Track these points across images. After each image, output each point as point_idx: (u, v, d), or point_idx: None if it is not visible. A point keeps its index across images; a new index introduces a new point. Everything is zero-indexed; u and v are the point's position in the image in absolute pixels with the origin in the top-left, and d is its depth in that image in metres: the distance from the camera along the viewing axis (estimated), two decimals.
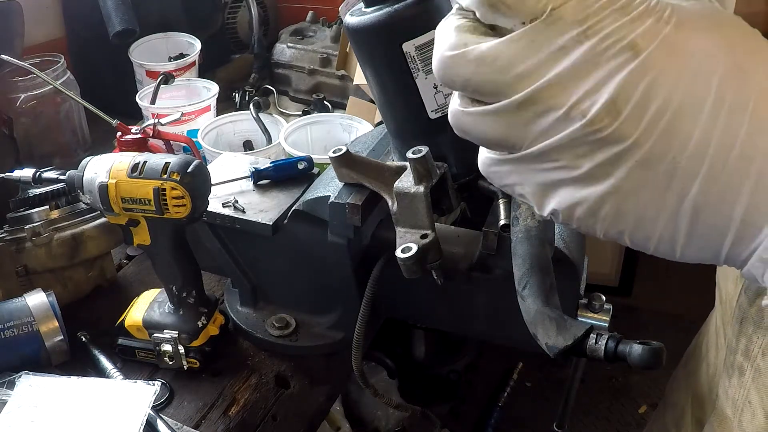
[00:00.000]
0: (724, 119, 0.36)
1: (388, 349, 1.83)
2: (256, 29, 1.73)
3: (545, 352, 0.65)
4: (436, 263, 0.77)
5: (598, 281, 2.46)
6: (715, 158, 0.36)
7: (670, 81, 0.36)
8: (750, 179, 0.36)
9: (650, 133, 0.36)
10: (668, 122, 0.36)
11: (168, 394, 0.91)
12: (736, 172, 0.36)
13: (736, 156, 0.36)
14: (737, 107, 0.36)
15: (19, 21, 1.33)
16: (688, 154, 0.36)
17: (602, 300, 0.81)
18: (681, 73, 0.36)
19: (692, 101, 0.36)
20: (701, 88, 0.36)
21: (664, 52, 0.36)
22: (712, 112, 0.36)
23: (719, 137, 0.36)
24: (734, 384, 0.75)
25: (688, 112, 0.36)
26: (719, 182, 0.36)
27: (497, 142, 0.41)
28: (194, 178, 0.84)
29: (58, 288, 1.01)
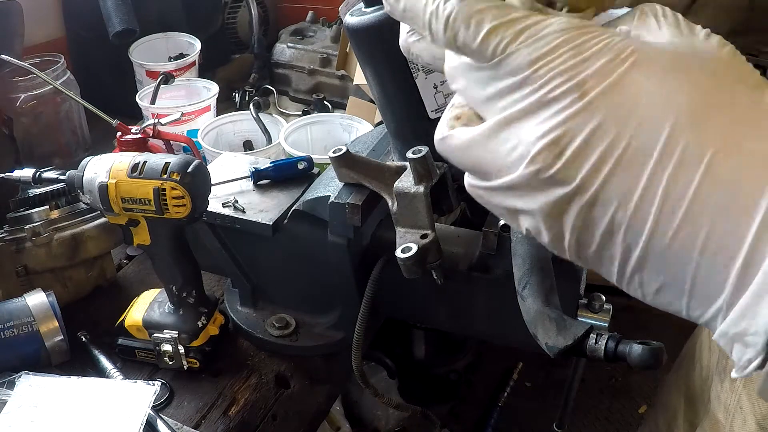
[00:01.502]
0: (671, 173, 0.33)
1: (388, 349, 1.82)
2: (256, 29, 1.73)
3: (545, 352, 0.65)
4: (436, 263, 0.77)
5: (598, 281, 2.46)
6: (662, 215, 0.33)
7: (616, 127, 0.34)
8: (697, 244, 0.33)
9: (594, 178, 0.34)
10: (611, 169, 0.34)
11: (168, 394, 0.91)
12: (683, 234, 0.33)
13: (683, 215, 0.33)
14: (689, 161, 0.33)
15: (19, 21, 1.33)
16: (633, 206, 0.34)
17: (602, 300, 0.81)
18: (628, 119, 0.34)
19: (637, 151, 0.34)
20: (648, 137, 0.34)
21: (612, 95, 0.34)
22: (658, 165, 0.33)
23: (665, 192, 0.33)
24: (726, 388, 0.74)
25: (632, 162, 0.34)
26: (663, 243, 0.34)
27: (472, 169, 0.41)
28: (194, 178, 0.84)
29: (58, 288, 1.01)
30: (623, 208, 0.34)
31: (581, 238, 0.37)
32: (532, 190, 0.37)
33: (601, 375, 2.20)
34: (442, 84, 0.75)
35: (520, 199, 0.38)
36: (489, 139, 0.38)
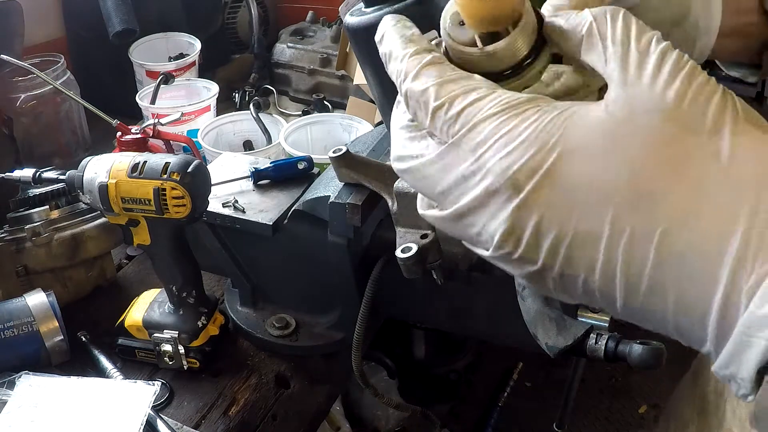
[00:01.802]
0: (624, 253, 0.33)
1: (388, 349, 1.82)
2: (256, 29, 1.73)
3: (545, 352, 0.65)
4: (436, 263, 0.77)
5: None
6: (628, 286, 0.34)
7: (559, 216, 0.35)
8: (669, 308, 0.34)
9: (554, 259, 0.35)
10: (567, 252, 0.35)
11: (168, 394, 0.91)
12: (654, 300, 0.34)
13: (647, 290, 0.33)
14: (640, 239, 0.33)
15: (19, 21, 1.33)
16: (599, 279, 0.35)
17: None
18: (569, 209, 0.34)
19: (586, 235, 0.34)
20: (593, 222, 0.34)
21: (545, 189, 0.35)
22: (609, 246, 0.34)
23: (625, 267, 0.34)
24: (742, 404, 0.72)
25: (586, 244, 0.34)
26: (638, 305, 0.34)
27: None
28: (194, 178, 0.84)
29: (58, 288, 1.01)
30: (591, 279, 0.35)
31: (566, 293, 0.38)
32: (507, 263, 0.39)
33: (601, 375, 2.20)
34: None
35: (500, 264, 0.39)
36: (454, 222, 0.39)
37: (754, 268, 0.31)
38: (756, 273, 0.31)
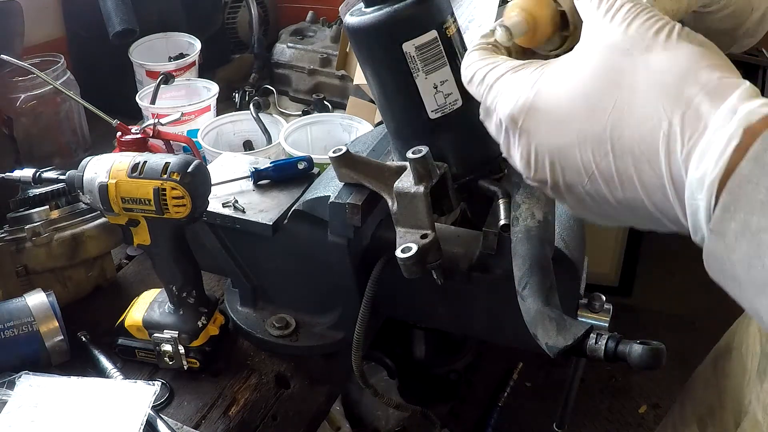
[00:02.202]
0: (593, 154, 0.43)
1: (388, 349, 1.82)
2: (256, 29, 1.73)
3: (545, 352, 0.65)
4: (436, 263, 0.77)
5: (598, 281, 2.46)
6: (608, 186, 0.44)
7: (546, 137, 0.46)
8: (643, 198, 0.43)
9: (555, 174, 0.46)
10: (561, 165, 0.46)
11: (168, 394, 0.91)
12: (630, 195, 0.43)
13: (620, 182, 0.43)
14: (600, 142, 0.43)
15: (19, 21, 1.33)
16: (587, 183, 0.45)
17: (602, 300, 0.81)
18: (550, 129, 0.45)
19: (566, 148, 0.45)
20: (567, 136, 0.45)
21: (533, 120, 0.46)
22: (581, 152, 0.44)
23: (599, 169, 0.44)
24: (765, 389, 0.74)
25: (567, 155, 0.45)
26: (628, 208, 0.44)
27: None
28: (194, 178, 0.84)
29: (58, 288, 1.01)
30: (584, 183, 0.45)
31: (581, 206, 0.48)
32: (538, 186, 0.49)
33: (601, 375, 2.20)
34: (442, 84, 0.75)
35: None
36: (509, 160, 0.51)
37: (684, 142, 0.40)
38: (685, 146, 0.39)
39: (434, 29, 0.73)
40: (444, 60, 0.74)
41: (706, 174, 0.38)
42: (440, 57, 0.74)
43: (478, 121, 0.80)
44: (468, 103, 0.77)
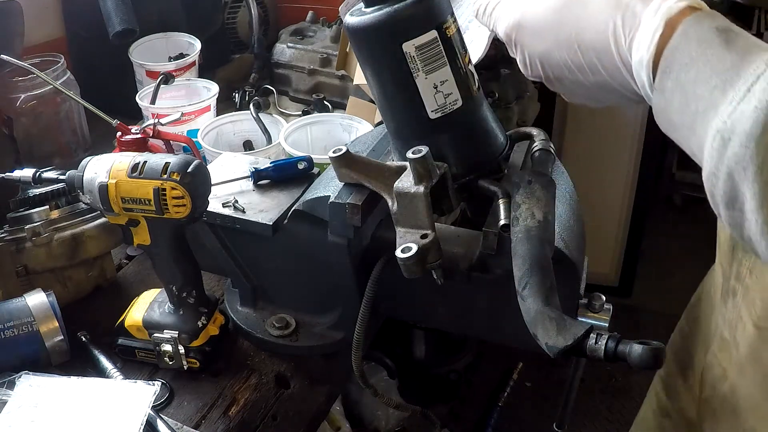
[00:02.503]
0: (566, 49, 0.59)
1: (388, 349, 1.82)
2: (256, 29, 1.73)
3: (545, 352, 0.65)
4: (436, 263, 0.77)
5: (598, 281, 2.46)
6: (583, 72, 0.59)
7: (537, 42, 0.62)
8: (612, 81, 0.58)
9: (547, 72, 0.63)
10: (548, 64, 0.63)
11: (168, 394, 0.91)
12: (600, 77, 0.59)
13: (590, 69, 0.59)
14: (569, 37, 0.58)
15: (19, 21, 1.33)
16: (569, 76, 0.62)
17: (602, 300, 0.81)
18: (533, 41, 0.63)
19: (552, 48, 0.61)
20: (547, 37, 0.61)
21: (522, 34, 0.64)
22: (560, 49, 0.60)
23: (574, 60, 0.60)
24: (729, 307, 0.83)
25: (552, 54, 0.61)
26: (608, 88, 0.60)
27: None
28: (194, 178, 0.84)
29: (58, 288, 1.01)
30: (572, 77, 0.61)
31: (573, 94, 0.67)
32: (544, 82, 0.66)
33: (601, 375, 2.20)
34: (442, 84, 0.75)
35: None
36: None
37: (626, 36, 0.55)
38: (627, 38, 0.55)
39: (434, 29, 0.73)
40: (444, 60, 0.74)
41: (643, 56, 0.53)
42: (440, 57, 0.74)
43: (478, 121, 0.80)
44: (468, 103, 0.77)
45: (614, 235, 2.45)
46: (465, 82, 0.76)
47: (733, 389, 0.83)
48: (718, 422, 0.87)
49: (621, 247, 2.47)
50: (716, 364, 0.87)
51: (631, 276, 2.49)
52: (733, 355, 0.83)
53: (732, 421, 0.83)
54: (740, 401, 0.82)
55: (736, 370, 0.83)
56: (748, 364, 0.80)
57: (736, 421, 0.83)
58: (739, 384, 0.82)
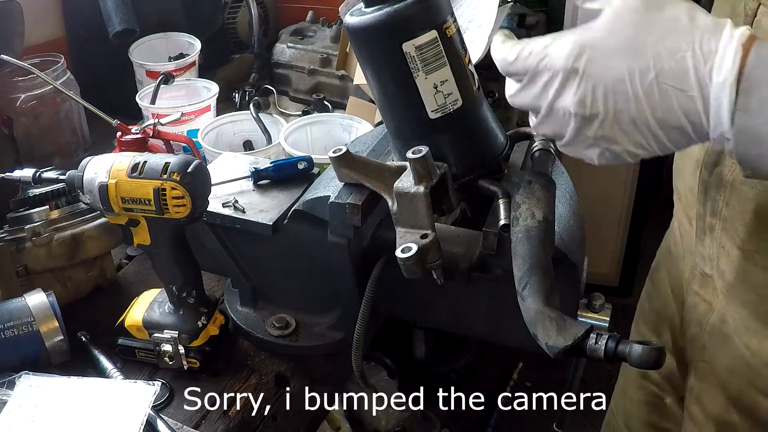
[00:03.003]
0: (639, 78, 0.59)
1: (388, 349, 1.82)
2: (256, 29, 1.73)
3: (545, 352, 0.65)
4: (436, 263, 0.77)
5: (598, 281, 2.46)
6: (652, 106, 0.59)
7: (600, 76, 0.60)
8: (678, 108, 0.59)
9: (607, 104, 0.60)
10: (612, 97, 0.60)
11: (168, 394, 0.91)
12: (668, 106, 0.59)
13: (660, 98, 0.59)
14: (643, 70, 0.59)
15: (19, 21, 1.33)
16: (634, 108, 0.60)
17: (602, 300, 0.81)
18: (604, 69, 0.60)
19: (617, 80, 0.60)
20: (618, 70, 0.59)
21: (588, 64, 0.60)
22: (631, 78, 0.59)
23: (645, 91, 0.59)
24: (707, 243, 0.89)
25: (617, 86, 0.60)
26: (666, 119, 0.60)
27: None
28: (194, 178, 0.84)
29: (58, 288, 1.01)
30: (632, 107, 0.60)
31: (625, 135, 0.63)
32: (582, 125, 0.63)
33: (601, 375, 2.20)
34: (442, 84, 0.75)
35: (574, 129, 0.64)
36: (546, 118, 0.65)
37: (705, 61, 0.57)
38: (707, 63, 0.57)
39: (434, 29, 0.73)
40: (444, 60, 0.74)
41: (726, 77, 0.56)
42: (440, 57, 0.74)
43: (478, 121, 0.80)
44: (468, 103, 0.77)
45: (614, 235, 2.45)
46: (465, 82, 0.76)
47: (722, 317, 0.89)
48: (712, 351, 0.92)
49: (621, 247, 2.47)
50: (699, 302, 0.94)
51: (631, 276, 2.49)
52: (718, 285, 0.89)
53: (726, 346, 0.89)
54: (731, 325, 0.88)
55: (723, 299, 0.89)
56: (737, 286, 0.86)
57: (731, 345, 0.88)
58: (727, 310, 0.88)
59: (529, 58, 0.63)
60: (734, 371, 0.88)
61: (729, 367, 0.89)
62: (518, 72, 0.65)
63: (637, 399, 1.16)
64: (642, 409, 1.16)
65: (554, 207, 0.74)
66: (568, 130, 0.63)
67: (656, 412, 1.14)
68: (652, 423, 1.15)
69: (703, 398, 0.94)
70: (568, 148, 0.66)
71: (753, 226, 0.81)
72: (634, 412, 1.17)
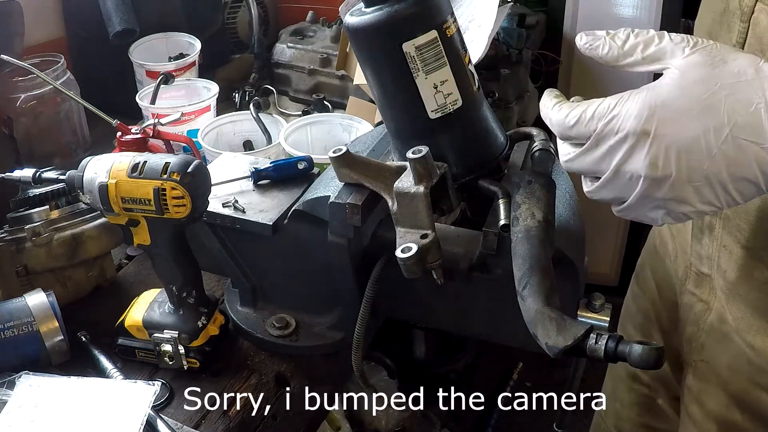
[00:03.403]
0: (713, 136, 0.58)
1: (388, 349, 1.83)
2: (256, 29, 1.73)
3: (545, 352, 0.65)
4: (436, 263, 0.77)
5: (598, 281, 2.46)
6: (727, 163, 0.59)
7: (673, 137, 0.59)
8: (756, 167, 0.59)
9: (680, 164, 0.59)
10: (685, 156, 0.59)
11: (168, 394, 0.91)
12: (742, 165, 0.58)
13: (734, 154, 0.58)
14: (718, 128, 0.58)
15: (19, 21, 1.33)
16: (707, 166, 0.59)
17: (602, 300, 0.81)
18: (677, 131, 0.59)
19: (692, 140, 0.59)
20: (692, 130, 0.59)
21: (660, 126, 0.59)
22: (705, 137, 0.59)
23: (720, 148, 0.59)
24: (706, 243, 0.89)
25: (692, 146, 0.59)
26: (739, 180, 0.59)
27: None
28: (194, 178, 0.84)
29: (58, 288, 1.01)
30: (704, 166, 0.59)
31: (697, 194, 0.61)
32: (652, 187, 0.61)
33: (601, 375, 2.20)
34: (442, 84, 0.75)
35: (644, 193, 0.62)
36: (609, 182, 0.63)
37: None
38: None
39: (434, 29, 0.73)
40: (444, 60, 0.74)
41: None
42: (440, 57, 0.74)
43: (478, 121, 0.80)
44: (468, 103, 0.77)
45: (614, 235, 2.45)
46: (465, 82, 0.76)
47: (721, 317, 0.89)
48: (711, 351, 0.92)
49: (621, 247, 2.47)
50: (695, 302, 0.93)
51: (630, 276, 2.49)
52: (718, 284, 0.88)
53: (725, 345, 0.88)
54: (731, 324, 0.87)
55: (723, 298, 0.88)
56: (740, 285, 0.85)
57: (731, 344, 0.87)
58: (727, 309, 0.88)
59: (592, 121, 0.61)
60: (736, 370, 0.88)
61: (730, 365, 0.89)
62: (579, 136, 0.63)
63: (629, 401, 1.16)
64: (633, 410, 1.15)
65: (554, 207, 0.74)
66: (634, 193, 0.62)
67: (649, 413, 1.13)
68: (645, 424, 1.15)
69: (703, 398, 0.94)
70: (628, 212, 0.64)
71: (758, 225, 0.81)
72: (626, 414, 1.17)
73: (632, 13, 2.08)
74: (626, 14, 2.09)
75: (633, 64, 0.63)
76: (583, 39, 0.65)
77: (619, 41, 0.63)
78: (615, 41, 0.63)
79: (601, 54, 0.64)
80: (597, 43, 0.64)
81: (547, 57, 2.07)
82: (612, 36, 0.63)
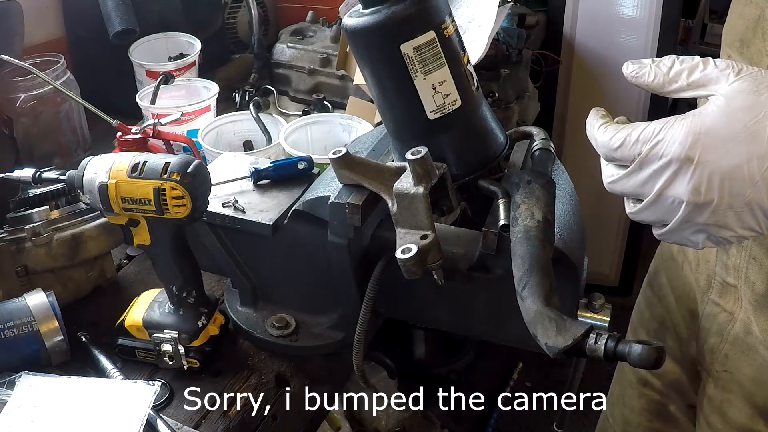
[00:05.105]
0: (757, 163, 0.58)
1: (388, 349, 1.83)
2: (256, 29, 1.73)
3: (545, 352, 0.65)
4: (436, 263, 0.77)
5: (598, 281, 2.46)
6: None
7: (717, 165, 0.59)
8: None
9: (723, 191, 0.59)
10: (728, 183, 0.59)
11: (168, 394, 0.91)
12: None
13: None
14: (763, 155, 0.58)
15: (19, 21, 1.33)
16: (749, 193, 0.59)
17: (602, 300, 0.81)
18: (720, 157, 0.59)
19: (735, 167, 0.58)
20: (735, 158, 0.58)
21: (704, 152, 0.59)
22: (749, 164, 0.58)
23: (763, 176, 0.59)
24: (733, 254, 0.88)
25: (734, 172, 0.59)
26: None
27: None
28: (194, 178, 0.84)
29: (58, 288, 1.01)
30: (747, 192, 0.59)
31: (738, 220, 0.61)
32: (694, 213, 0.61)
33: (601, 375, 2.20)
34: (440, 84, 0.75)
35: (685, 219, 0.62)
36: (652, 205, 0.63)
37: None
38: None
39: (432, 30, 0.73)
40: (442, 60, 0.74)
41: None
42: (438, 58, 0.74)
43: (477, 121, 0.80)
44: (467, 104, 0.77)
45: (614, 235, 2.45)
46: (464, 82, 0.76)
47: (747, 328, 0.88)
48: (735, 362, 0.91)
49: (621, 247, 2.47)
50: (718, 312, 0.92)
51: (631, 276, 2.49)
52: (745, 295, 0.88)
53: (750, 356, 0.88)
54: (758, 336, 0.87)
55: (751, 309, 0.87)
56: None
57: (756, 355, 0.87)
58: (754, 320, 0.87)
59: (636, 145, 0.62)
60: (761, 382, 0.87)
61: (755, 377, 0.88)
62: (624, 159, 0.63)
63: (638, 407, 1.15)
64: (643, 417, 1.15)
65: (554, 207, 0.74)
66: (676, 217, 0.62)
67: (659, 419, 1.13)
68: (656, 430, 1.14)
69: (726, 408, 0.93)
70: (669, 235, 0.65)
71: None
72: (635, 420, 1.16)
73: (632, 13, 2.08)
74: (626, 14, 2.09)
75: (678, 90, 0.63)
76: (630, 68, 0.65)
77: (665, 68, 0.63)
78: (660, 68, 0.63)
79: (647, 81, 0.64)
80: (643, 71, 0.64)
81: (547, 57, 2.08)
82: (657, 63, 0.64)
